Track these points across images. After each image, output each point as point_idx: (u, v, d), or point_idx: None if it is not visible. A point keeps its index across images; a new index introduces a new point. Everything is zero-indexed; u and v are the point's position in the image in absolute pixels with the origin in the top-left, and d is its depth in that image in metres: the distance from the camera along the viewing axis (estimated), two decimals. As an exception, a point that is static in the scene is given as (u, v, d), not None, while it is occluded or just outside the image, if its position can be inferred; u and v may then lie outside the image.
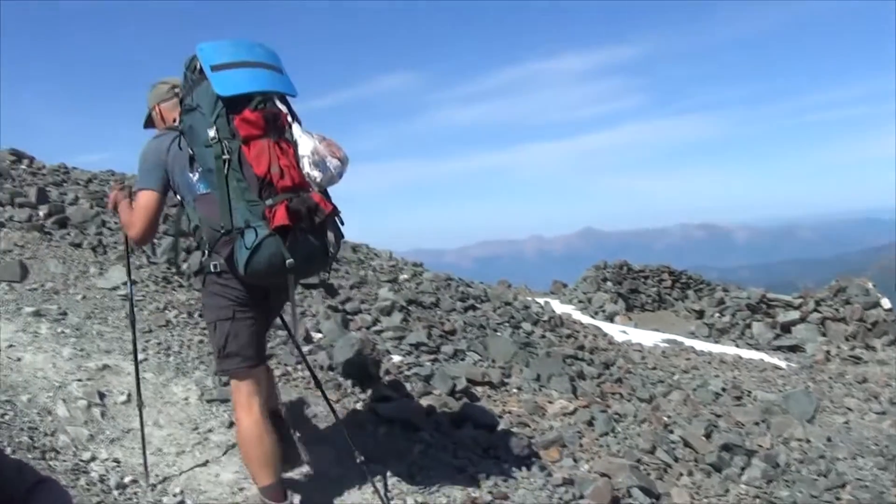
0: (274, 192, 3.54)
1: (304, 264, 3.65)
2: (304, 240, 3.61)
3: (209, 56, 3.65)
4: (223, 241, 3.63)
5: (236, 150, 3.56)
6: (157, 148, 3.90)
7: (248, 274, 3.56)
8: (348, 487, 4.72)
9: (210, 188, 3.66)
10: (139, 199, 3.91)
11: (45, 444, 4.47)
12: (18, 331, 5.72)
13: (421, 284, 10.56)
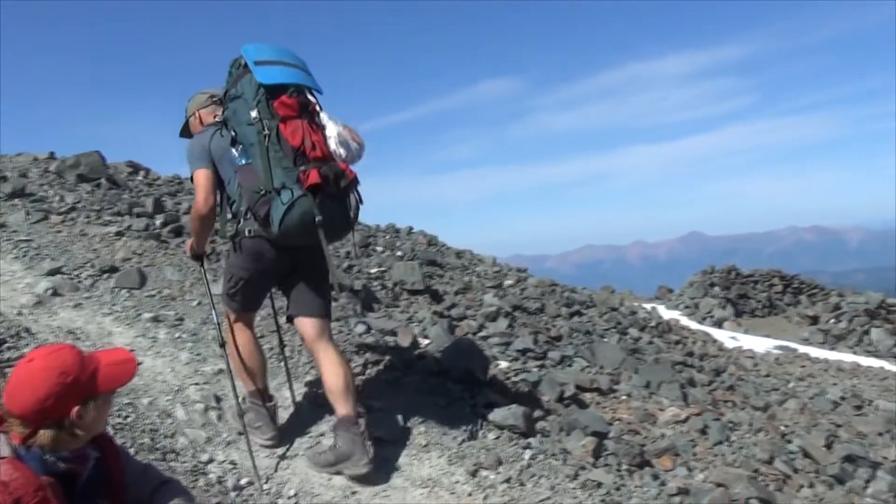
0: (306, 161, 4.24)
1: (330, 223, 4.27)
2: (330, 202, 4.25)
3: (252, 54, 4.41)
4: (262, 201, 4.24)
5: (275, 128, 4.28)
6: (199, 141, 4.63)
7: (281, 229, 4.20)
8: (459, 493, 4.70)
9: (250, 159, 4.35)
10: (197, 178, 4.56)
11: (165, 445, 4.60)
12: (138, 336, 5.91)
13: (525, 290, 10.49)
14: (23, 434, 2.32)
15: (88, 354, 2.46)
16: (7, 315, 5.78)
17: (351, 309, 7.22)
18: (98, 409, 2.43)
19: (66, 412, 2.33)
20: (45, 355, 2.38)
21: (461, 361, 5.94)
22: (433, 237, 11.88)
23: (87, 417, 2.39)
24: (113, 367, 2.46)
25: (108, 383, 2.43)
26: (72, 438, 2.38)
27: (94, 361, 2.43)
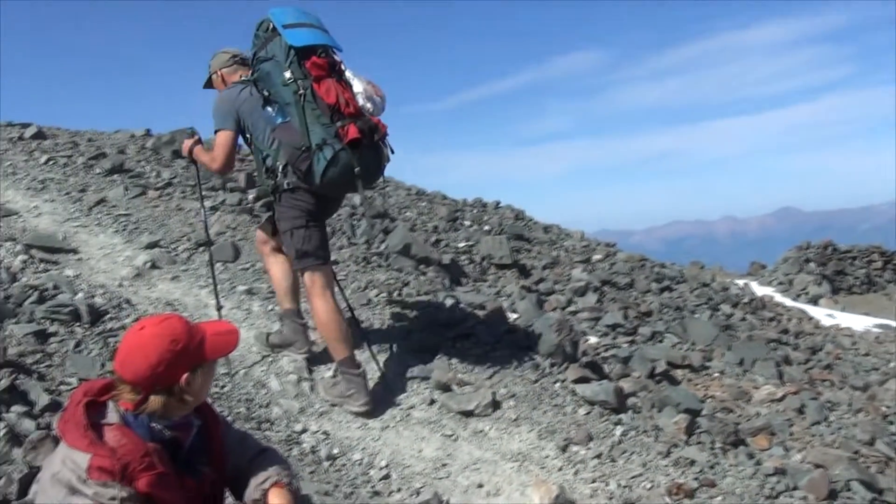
0: (342, 117, 4.55)
1: (367, 173, 4.66)
2: (366, 154, 4.61)
3: (280, 18, 4.63)
4: (303, 157, 4.58)
5: (309, 87, 4.55)
6: (228, 97, 4.94)
7: (323, 182, 4.59)
8: (550, 468, 4.68)
9: (288, 118, 4.63)
10: (219, 138, 4.91)
11: (260, 414, 4.70)
12: (233, 308, 6.04)
13: (614, 265, 10.34)
14: (133, 401, 2.38)
15: (195, 324, 2.51)
16: (109, 287, 5.97)
17: (439, 283, 7.24)
18: (204, 377, 2.48)
19: (176, 379, 2.39)
20: (155, 323, 2.43)
21: (550, 336, 5.89)
22: (520, 211, 11.80)
23: (195, 384, 2.43)
24: (217, 337, 2.50)
25: (214, 352, 2.48)
26: (180, 405, 2.43)
27: (201, 331, 2.47)
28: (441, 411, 5.08)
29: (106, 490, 2.23)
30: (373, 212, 7.26)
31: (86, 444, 2.26)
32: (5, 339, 4.45)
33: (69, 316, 5.05)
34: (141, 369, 2.35)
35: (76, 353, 4.66)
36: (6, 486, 3.29)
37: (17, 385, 3.95)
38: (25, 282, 5.52)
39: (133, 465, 2.27)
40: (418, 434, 4.85)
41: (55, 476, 2.29)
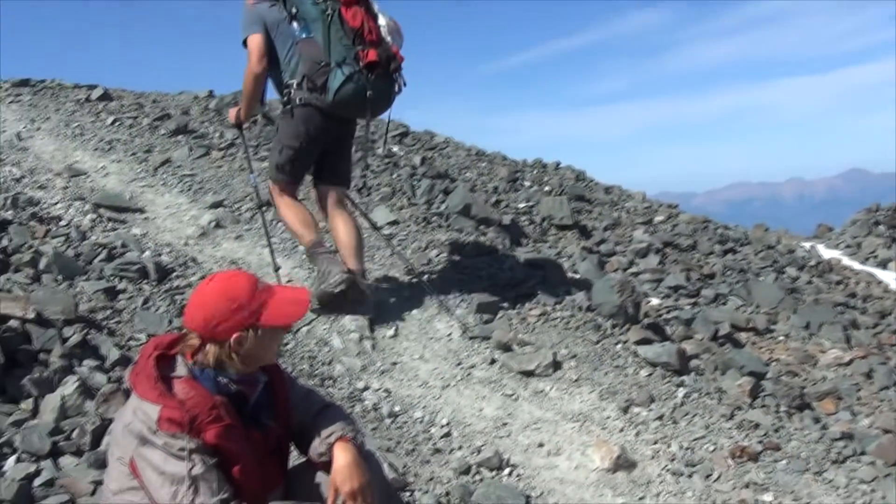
0: (363, 42, 4.84)
1: (377, 100, 4.91)
2: (380, 81, 4.88)
3: None
4: (321, 71, 4.87)
5: (337, 10, 4.83)
6: (255, 10, 5.06)
7: (335, 98, 4.84)
8: (611, 429, 4.66)
9: (312, 34, 4.89)
10: (251, 41, 5.02)
11: (322, 372, 4.76)
12: (296, 267, 6.11)
13: (677, 226, 10.19)
14: (192, 348, 2.43)
15: (265, 287, 2.50)
16: (175, 245, 6.08)
17: (500, 243, 7.21)
18: (259, 341, 2.45)
19: (227, 336, 2.41)
20: (222, 279, 2.47)
21: (611, 297, 5.84)
22: (581, 172, 11.66)
23: (245, 345, 2.43)
24: (284, 305, 2.48)
25: (273, 318, 2.45)
26: (232, 362, 2.44)
27: (268, 294, 2.46)
28: (502, 371, 5.09)
29: (175, 441, 2.27)
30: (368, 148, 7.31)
31: (155, 396, 2.31)
32: (76, 296, 4.57)
33: (137, 273, 5.16)
34: (197, 319, 2.40)
35: (144, 309, 4.77)
36: (80, 438, 3.39)
37: (88, 340, 4.06)
38: (94, 240, 5.65)
39: (201, 416, 2.31)
40: (479, 393, 4.87)
41: (127, 427, 2.35)
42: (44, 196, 6.65)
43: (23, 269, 4.77)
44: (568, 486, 4.19)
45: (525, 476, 4.22)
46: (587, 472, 4.31)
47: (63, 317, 4.14)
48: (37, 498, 3.05)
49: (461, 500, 3.88)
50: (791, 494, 4.21)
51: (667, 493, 4.21)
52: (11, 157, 7.48)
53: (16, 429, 3.36)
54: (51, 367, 3.74)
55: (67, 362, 3.81)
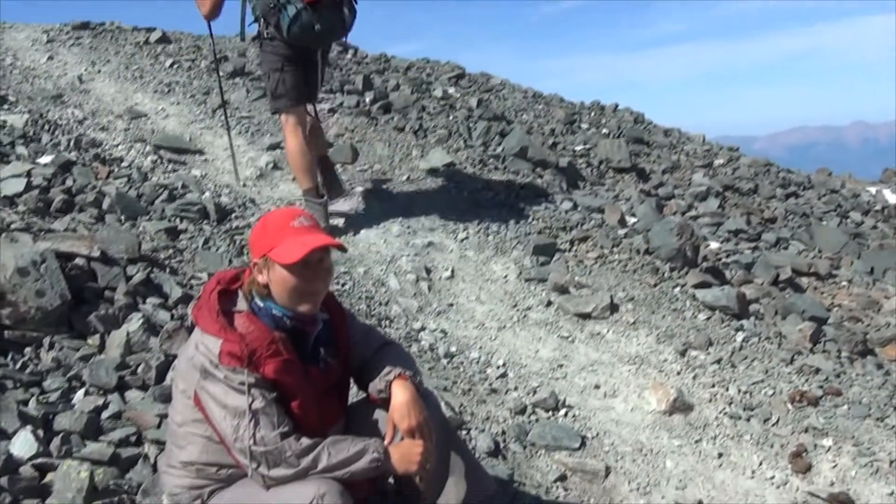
0: None
1: (329, 31, 5.22)
2: (328, 12, 5.13)
3: None
4: (272, 12, 5.14)
5: None
6: None
7: (289, 37, 5.12)
8: (668, 372, 4.64)
9: None
10: None
11: (380, 312, 4.79)
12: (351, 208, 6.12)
13: (738, 170, 9.97)
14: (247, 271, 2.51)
15: (303, 226, 2.44)
16: (233, 187, 6.14)
17: (556, 186, 7.15)
18: (274, 275, 2.41)
19: (253, 257, 2.46)
20: (276, 209, 2.51)
21: (670, 240, 5.77)
22: (639, 114, 11.45)
23: (263, 274, 2.44)
24: (294, 245, 2.38)
25: (276, 254, 2.39)
26: (262, 288, 2.45)
27: (294, 233, 2.41)
28: (558, 313, 5.08)
29: (235, 375, 2.32)
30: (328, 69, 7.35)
31: (217, 330, 2.35)
32: (139, 235, 4.65)
33: (197, 214, 5.23)
34: (250, 238, 2.54)
35: (205, 249, 4.84)
36: (145, 373, 3.48)
37: (151, 278, 4.14)
38: (156, 181, 5.74)
39: (260, 351, 2.35)
40: (535, 335, 4.87)
41: (190, 360, 2.40)
42: (105, 138, 6.75)
43: (87, 209, 4.86)
44: (623, 428, 4.19)
45: (581, 417, 4.23)
46: (643, 415, 4.31)
47: (127, 255, 4.23)
48: (105, 430, 3.15)
49: (517, 440, 3.91)
50: (851, 440, 4.16)
51: (724, 437, 4.19)
52: (73, 99, 7.58)
53: (84, 363, 3.46)
54: (116, 305, 3.83)
55: (132, 300, 3.90)
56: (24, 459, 2.84)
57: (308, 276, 2.42)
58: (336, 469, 2.33)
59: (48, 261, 3.72)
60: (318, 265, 2.45)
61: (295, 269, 2.39)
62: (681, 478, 3.89)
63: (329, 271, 2.54)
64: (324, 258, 2.47)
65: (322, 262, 2.47)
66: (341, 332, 2.69)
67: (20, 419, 3.00)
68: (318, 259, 2.44)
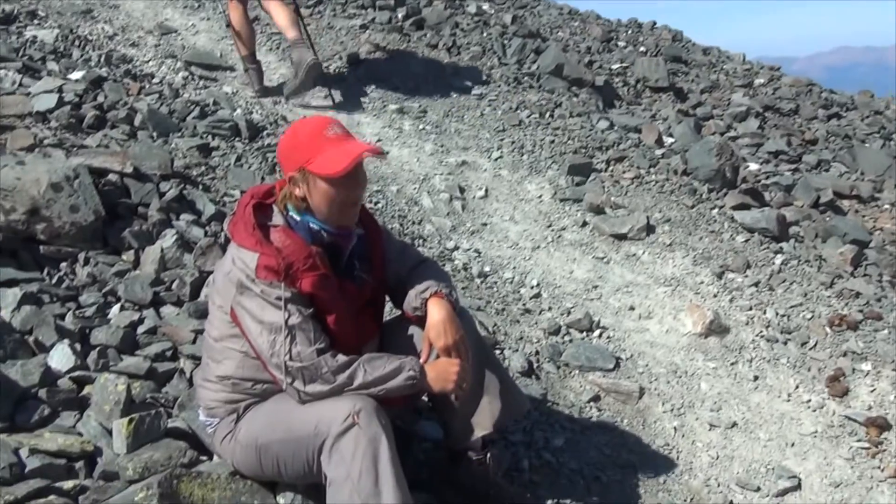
0: None
1: None
2: None
3: None
4: None
5: None
6: None
7: None
8: (704, 294, 4.58)
9: None
10: None
11: (413, 231, 4.76)
12: (385, 127, 6.04)
13: (778, 90, 9.70)
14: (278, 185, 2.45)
15: (336, 136, 2.36)
16: (265, 104, 6.07)
17: (592, 105, 6.99)
18: (312, 188, 2.36)
19: (287, 171, 2.40)
20: (302, 119, 2.45)
21: (709, 161, 5.64)
22: (678, 32, 11.13)
23: (300, 188, 2.38)
24: (335, 156, 2.31)
25: (316, 166, 2.32)
26: (299, 202, 2.40)
27: (331, 144, 2.34)
28: (593, 234, 5.02)
29: (272, 290, 2.29)
30: None
31: (253, 243, 2.32)
32: (172, 152, 4.62)
33: (229, 131, 5.18)
34: (278, 151, 2.47)
35: (237, 166, 4.80)
36: (179, 289, 3.48)
37: (184, 195, 4.11)
38: (187, 97, 5.67)
39: (296, 265, 2.32)
40: (569, 255, 4.82)
41: (227, 275, 2.37)
42: (136, 54, 6.67)
43: (119, 125, 4.82)
44: (658, 350, 4.17)
45: (615, 338, 4.21)
46: (678, 336, 4.28)
47: (160, 172, 4.20)
48: (141, 344, 3.16)
49: (551, 360, 3.90)
50: (891, 364, 4.10)
51: (760, 360, 4.15)
52: (103, 14, 7.48)
53: (119, 279, 3.46)
54: (150, 221, 3.81)
55: (165, 216, 3.88)
56: (62, 372, 2.86)
57: (351, 186, 2.37)
58: (371, 386, 2.31)
59: (81, 176, 3.70)
60: (357, 175, 2.40)
61: (339, 180, 2.33)
62: (715, 400, 3.87)
63: (366, 180, 2.49)
64: (360, 169, 2.42)
65: (360, 173, 2.42)
66: (376, 247, 2.65)
67: (57, 333, 3.01)
68: (356, 170, 2.39)
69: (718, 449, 3.61)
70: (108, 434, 2.59)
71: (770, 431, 3.74)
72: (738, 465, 3.53)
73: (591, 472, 3.28)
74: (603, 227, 5.02)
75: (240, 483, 2.46)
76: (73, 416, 2.70)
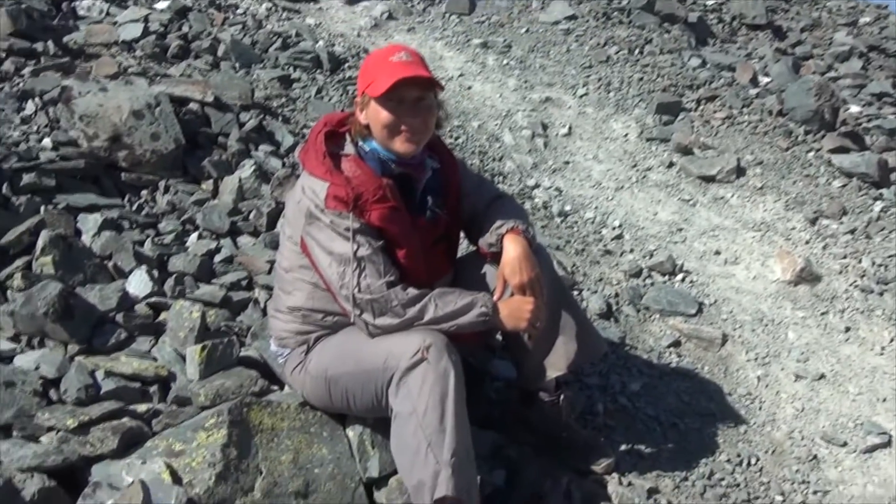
0: None
1: None
2: None
3: None
4: None
5: None
6: None
7: None
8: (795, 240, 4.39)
9: None
10: None
11: (493, 168, 4.66)
12: (468, 61, 5.92)
13: (885, 29, 9.18)
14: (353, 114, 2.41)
15: (400, 61, 2.27)
16: (347, 36, 6.00)
17: (685, 41, 6.72)
18: (370, 113, 2.30)
19: (358, 92, 2.34)
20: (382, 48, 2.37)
21: (807, 101, 5.37)
22: (779, -33, 10.63)
23: (361, 111, 2.34)
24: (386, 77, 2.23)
25: (371, 88, 2.26)
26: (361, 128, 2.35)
27: (393, 68, 2.25)
28: (680, 175, 4.84)
29: (341, 220, 2.24)
30: None
31: (323, 172, 2.27)
32: (253, 83, 4.60)
33: (311, 63, 5.13)
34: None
35: (317, 98, 4.77)
36: (256, 219, 3.47)
37: (264, 126, 4.10)
38: (270, 29, 5.63)
39: (366, 196, 2.25)
40: (654, 197, 4.66)
41: (297, 204, 2.33)
42: (221, -16, 6.66)
43: (202, 55, 4.82)
44: (744, 296, 4.01)
45: (699, 283, 4.06)
46: (766, 283, 4.11)
47: (240, 102, 4.20)
48: (217, 273, 3.18)
49: (630, 303, 3.79)
50: None
51: (853, 310, 3.96)
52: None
53: (197, 207, 3.48)
54: (229, 150, 3.82)
55: (244, 146, 3.88)
56: (140, 298, 2.89)
57: (400, 111, 2.28)
58: (442, 321, 2.25)
59: (163, 104, 3.72)
60: (416, 103, 2.29)
61: (386, 103, 2.26)
62: (803, 350, 3.71)
63: (429, 110, 2.34)
64: (424, 96, 2.31)
65: (422, 101, 2.30)
66: (452, 181, 2.56)
67: (136, 259, 3.04)
68: (417, 97, 2.29)
69: (804, 401, 3.46)
70: (182, 360, 2.61)
71: (860, 385, 3.57)
72: (825, 418, 3.39)
73: (668, 418, 3.19)
74: (690, 168, 4.84)
75: (309, 414, 2.46)
76: (148, 341, 2.73)
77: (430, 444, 2.10)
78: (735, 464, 3.05)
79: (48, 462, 2.12)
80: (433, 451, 2.09)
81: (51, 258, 2.84)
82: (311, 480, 2.32)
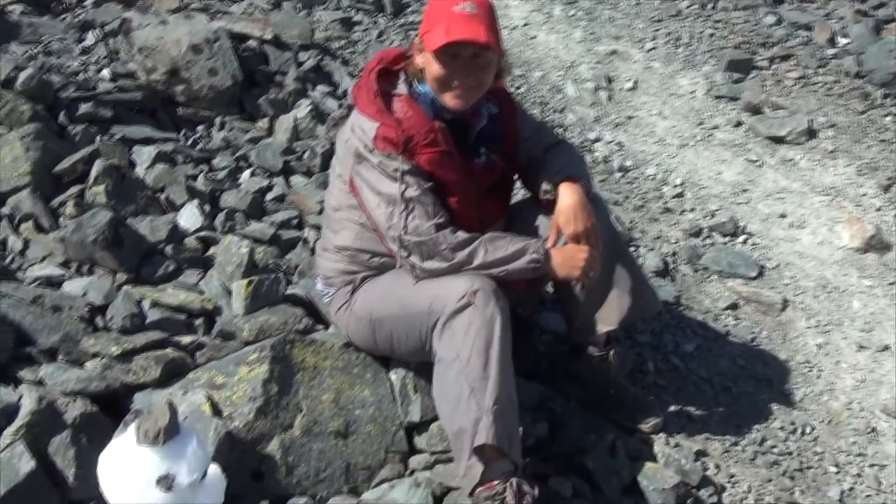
0: None
1: None
2: None
3: None
4: None
5: None
6: None
7: None
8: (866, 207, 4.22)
9: None
10: None
11: (553, 119, 4.56)
12: (534, 11, 5.77)
13: (975, -7, 8.78)
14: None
15: (461, 12, 2.14)
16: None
17: (760, -2, 6.47)
18: (426, 63, 2.22)
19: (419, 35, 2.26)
20: None
21: (887, 63, 5.13)
22: (865, -75, 10.18)
23: (418, 53, 2.25)
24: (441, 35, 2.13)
25: (427, 37, 2.18)
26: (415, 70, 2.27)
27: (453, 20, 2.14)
28: (748, 135, 4.67)
29: (389, 161, 2.18)
30: None
31: (373, 112, 2.21)
32: (314, 23, 4.55)
33: (373, 6, 5.08)
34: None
35: (378, 42, 4.70)
36: (310, 159, 3.45)
37: (322, 66, 4.06)
38: (334, -30, 5.57)
39: (416, 138, 2.19)
40: (719, 156, 4.51)
41: (346, 143, 2.28)
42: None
43: (264, -6, 4.78)
44: (808, 262, 3.87)
45: (761, 246, 3.93)
46: (832, 250, 3.95)
47: (299, 41, 4.15)
48: (268, 211, 3.16)
49: (688, 262, 3.69)
50: None
51: (924, 281, 3.80)
52: None
53: (252, 145, 3.46)
54: (286, 89, 3.78)
55: (301, 86, 3.84)
56: (190, 231, 2.89)
57: (453, 67, 2.18)
58: (492, 267, 2.18)
59: (221, 39, 3.69)
60: (472, 60, 2.19)
61: (440, 58, 2.17)
62: (868, 320, 3.57)
63: (484, 68, 2.23)
64: (480, 54, 2.19)
65: (477, 59, 2.19)
66: (510, 126, 2.48)
67: (188, 193, 3.04)
68: (472, 54, 2.18)
69: (865, 372, 3.33)
70: (228, 294, 2.61)
71: (926, 359, 3.43)
72: (887, 391, 3.25)
73: (721, 381, 3.10)
74: (759, 128, 4.66)
75: (352, 355, 2.43)
76: (196, 274, 2.72)
77: (472, 391, 2.05)
78: (789, 431, 2.96)
79: (91, 387, 2.13)
80: (475, 398, 2.05)
81: (104, 187, 2.84)
82: (351, 421, 2.29)
